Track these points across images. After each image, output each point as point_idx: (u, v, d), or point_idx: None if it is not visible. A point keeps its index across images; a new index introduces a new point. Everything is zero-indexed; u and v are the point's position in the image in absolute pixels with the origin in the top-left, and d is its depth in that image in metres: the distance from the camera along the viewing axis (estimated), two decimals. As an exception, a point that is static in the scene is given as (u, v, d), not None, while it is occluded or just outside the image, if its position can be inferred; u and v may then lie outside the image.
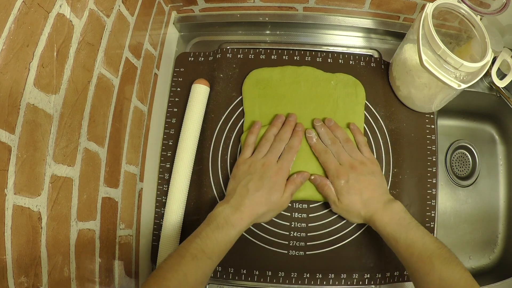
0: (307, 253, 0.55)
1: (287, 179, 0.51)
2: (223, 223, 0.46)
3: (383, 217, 0.48)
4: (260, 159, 0.51)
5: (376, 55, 0.65)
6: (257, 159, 0.52)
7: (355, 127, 0.56)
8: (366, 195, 0.50)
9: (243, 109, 0.60)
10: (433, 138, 0.60)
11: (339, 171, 0.51)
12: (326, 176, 0.53)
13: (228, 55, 0.63)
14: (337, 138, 0.54)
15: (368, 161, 0.52)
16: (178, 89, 0.63)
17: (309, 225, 0.56)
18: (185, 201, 0.57)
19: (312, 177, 0.53)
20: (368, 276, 0.55)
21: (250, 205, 0.47)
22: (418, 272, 0.43)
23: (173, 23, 0.67)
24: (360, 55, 0.64)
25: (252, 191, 0.48)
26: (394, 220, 0.47)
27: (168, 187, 0.57)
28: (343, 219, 0.56)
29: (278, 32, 0.68)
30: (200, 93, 0.59)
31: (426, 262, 0.42)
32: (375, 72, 0.62)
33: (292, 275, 0.55)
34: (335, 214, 0.56)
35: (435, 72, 0.46)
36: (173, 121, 0.61)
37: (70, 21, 0.38)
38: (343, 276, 0.55)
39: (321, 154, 0.53)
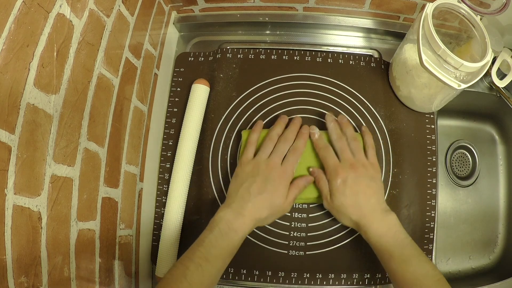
0: (307, 253, 0.55)
1: (291, 183, 0.50)
2: (226, 230, 0.45)
3: (379, 227, 0.46)
4: (264, 160, 0.50)
5: (376, 55, 0.65)
6: (261, 160, 0.50)
7: (367, 129, 0.55)
8: (360, 200, 0.48)
9: (244, 108, 0.60)
10: (433, 138, 0.60)
11: (338, 169, 0.49)
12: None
13: (228, 55, 0.63)
14: (345, 134, 0.53)
15: (370, 166, 0.51)
16: (178, 89, 0.63)
17: (309, 225, 0.56)
18: (185, 201, 0.57)
19: (311, 169, 0.52)
20: (368, 276, 0.55)
21: (252, 209, 0.46)
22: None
23: (173, 23, 0.67)
24: (360, 55, 0.64)
25: (255, 194, 0.47)
26: (391, 232, 0.46)
27: (168, 187, 0.57)
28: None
29: (278, 32, 0.68)
30: (200, 93, 0.59)
31: (421, 281, 0.42)
32: (375, 72, 0.62)
33: (292, 275, 0.55)
34: (335, 214, 0.56)
35: (435, 72, 0.46)
36: (173, 121, 0.61)
37: (70, 21, 0.38)
38: (343, 276, 0.55)
39: (321, 149, 0.52)
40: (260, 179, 0.48)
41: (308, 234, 0.56)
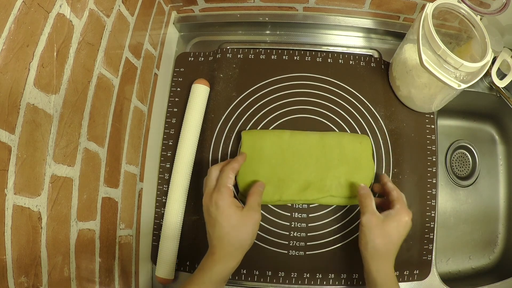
0: (307, 253, 0.55)
1: (249, 193, 0.48)
2: (204, 268, 0.44)
3: (387, 268, 0.47)
4: (204, 195, 0.48)
5: (376, 55, 0.65)
6: (205, 194, 0.47)
7: (393, 185, 0.53)
8: (398, 242, 0.47)
9: (244, 108, 0.60)
10: (433, 138, 0.60)
11: (408, 210, 0.48)
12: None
13: (228, 55, 0.63)
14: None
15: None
16: (178, 89, 0.63)
17: (309, 225, 0.56)
18: (185, 201, 0.57)
19: (361, 185, 0.52)
20: (368, 276, 0.55)
21: (217, 245, 0.44)
22: None
23: (173, 23, 0.67)
24: (360, 55, 0.64)
25: (211, 232, 0.45)
26: (391, 277, 0.47)
27: (168, 187, 0.57)
28: (343, 219, 0.56)
29: (278, 32, 0.68)
30: (200, 93, 0.59)
31: None
32: (375, 72, 0.62)
33: (292, 275, 0.55)
34: (335, 214, 0.56)
35: (435, 72, 0.46)
36: (173, 121, 0.61)
37: (70, 21, 0.38)
38: (343, 276, 0.55)
39: (394, 190, 0.51)
40: (205, 213, 0.47)
41: (308, 234, 0.56)
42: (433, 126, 0.60)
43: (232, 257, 0.45)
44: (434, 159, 0.59)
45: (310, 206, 0.57)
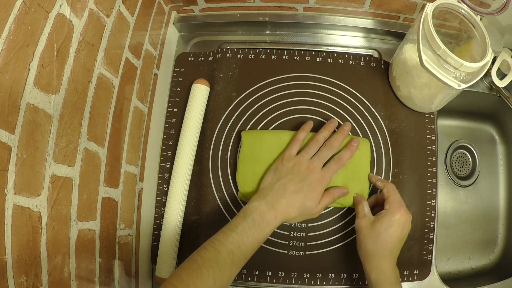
0: (307, 253, 0.55)
1: (326, 189, 0.50)
2: (259, 220, 0.44)
3: (386, 268, 0.47)
4: (305, 161, 0.50)
5: (376, 55, 0.65)
6: (303, 160, 0.50)
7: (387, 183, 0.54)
8: (393, 242, 0.47)
9: (244, 108, 0.60)
10: (433, 138, 0.60)
11: (401, 208, 0.48)
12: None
13: (228, 55, 0.63)
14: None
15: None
16: (178, 89, 0.63)
17: (309, 225, 0.56)
18: (185, 201, 0.57)
19: (355, 195, 0.53)
20: (368, 276, 0.54)
21: (285, 205, 0.46)
22: None
23: (173, 23, 0.67)
24: (360, 55, 0.64)
25: (290, 192, 0.47)
26: (394, 276, 0.47)
27: (168, 187, 0.57)
28: (343, 219, 0.56)
29: (278, 32, 0.68)
30: (200, 93, 0.59)
31: None
32: (375, 72, 0.62)
33: (292, 275, 0.55)
34: (335, 214, 0.56)
35: (435, 72, 0.46)
36: (173, 121, 0.61)
37: (70, 21, 0.38)
38: (343, 276, 0.55)
39: (388, 184, 0.52)
40: (298, 178, 0.48)
41: (308, 234, 0.56)
42: (433, 126, 0.60)
43: (281, 222, 0.47)
44: (434, 159, 0.59)
45: (310, 206, 0.57)
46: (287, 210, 0.46)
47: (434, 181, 0.58)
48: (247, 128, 0.59)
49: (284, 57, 0.63)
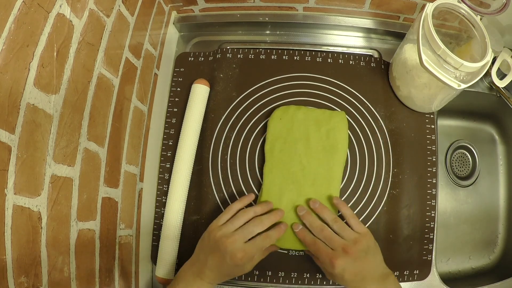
0: (307, 253, 0.55)
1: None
2: None
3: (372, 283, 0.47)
4: (229, 234, 0.48)
5: (376, 55, 0.65)
6: (227, 232, 0.48)
7: (339, 201, 0.54)
8: (361, 275, 0.47)
9: (244, 108, 0.60)
10: (433, 138, 0.60)
11: (332, 260, 0.47)
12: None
13: (228, 55, 0.63)
14: (325, 219, 0.51)
15: (360, 237, 0.49)
16: (178, 89, 0.63)
17: (309, 225, 0.56)
18: (185, 201, 0.57)
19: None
20: (368, 276, 0.54)
21: (210, 275, 0.47)
22: None
23: (173, 23, 0.67)
24: (360, 55, 0.64)
25: (212, 267, 0.47)
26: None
27: (168, 187, 0.57)
28: (343, 219, 0.56)
29: (278, 32, 0.68)
30: (200, 93, 0.59)
31: None
32: (375, 72, 0.62)
33: (292, 275, 0.55)
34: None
35: (435, 72, 0.46)
36: (173, 121, 0.61)
37: (70, 21, 0.38)
38: (343, 276, 0.55)
39: (310, 245, 0.50)
40: (220, 254, 0.47)
41: (308, 234, 0.56)
42: (433, 126, 0.60)
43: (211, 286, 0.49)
44: (434, 159, 0.59)
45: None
46: (214, 279, 0.48)
47: (434, 181, 0.58)
48: (248, 128, 0.59)
49: (284, 57, 0.63)
